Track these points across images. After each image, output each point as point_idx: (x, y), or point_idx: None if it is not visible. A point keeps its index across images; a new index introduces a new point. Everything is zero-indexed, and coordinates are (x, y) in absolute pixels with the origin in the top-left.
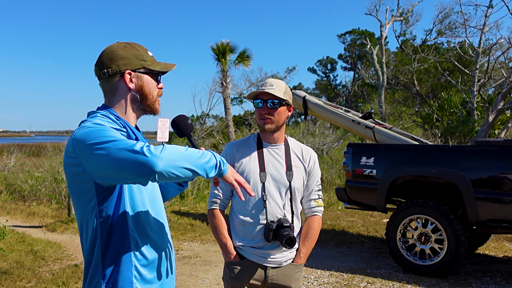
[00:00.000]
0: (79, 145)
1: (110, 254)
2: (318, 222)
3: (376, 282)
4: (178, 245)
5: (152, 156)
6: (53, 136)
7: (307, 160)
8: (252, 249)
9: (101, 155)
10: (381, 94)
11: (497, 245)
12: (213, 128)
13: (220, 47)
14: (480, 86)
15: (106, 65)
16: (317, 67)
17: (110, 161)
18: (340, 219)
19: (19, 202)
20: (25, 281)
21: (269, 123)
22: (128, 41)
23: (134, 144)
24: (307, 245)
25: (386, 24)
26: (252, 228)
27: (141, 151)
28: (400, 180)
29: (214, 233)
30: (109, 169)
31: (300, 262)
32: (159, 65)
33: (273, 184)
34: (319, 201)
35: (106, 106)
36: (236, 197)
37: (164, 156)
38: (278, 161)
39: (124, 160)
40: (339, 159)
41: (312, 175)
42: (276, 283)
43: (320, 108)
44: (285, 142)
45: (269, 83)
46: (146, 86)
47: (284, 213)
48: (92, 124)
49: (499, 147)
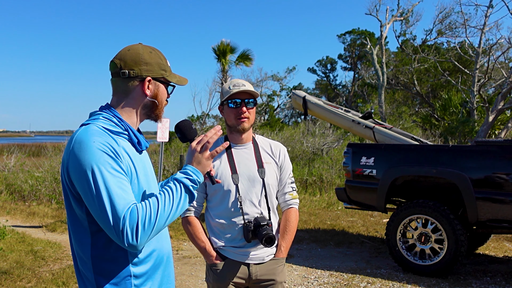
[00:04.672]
0: (73, 164)
1: (103, 262)
2: (295, 215)
3: (376, 282)
4: (178, 245)
5: (130, 246)
6: (53, 136)
7: (277, 154)
8: (233, 249)
9: (90, 199)
10: (381, 94)
11: (497, 245)
12: None
13: (221, 47)
14: (480, 86)
15: (129, 66)
16: (317, 67)
17: (96, 217)
18: (340, 219)
19: (19, 202)
20: (25, 281)
21: (247, 122)
22: (127, 42)
23: (118, 222)
24: (286, 238)
25: (386, 24)
26: (231, 230)
27: (122, 237)
28: (400, 180)
29: (191, 239)
30: (94, 215)
31: (281, 256)
32: (175, 78)
33: (246, 184)
34: (294, 193)
35: (109, 106)
36: (211, 201)
37: (141, 241)
38: (248, 160)
39: (106, 230)
40: (339, 159)
41: (284, 168)
42: (261, 279)
43: (320, 108)
44: (253, 141)
45: (240, 83)
46: (160, 95)
47: (260, 211)
48: (93, 142)
49: (499, 147)
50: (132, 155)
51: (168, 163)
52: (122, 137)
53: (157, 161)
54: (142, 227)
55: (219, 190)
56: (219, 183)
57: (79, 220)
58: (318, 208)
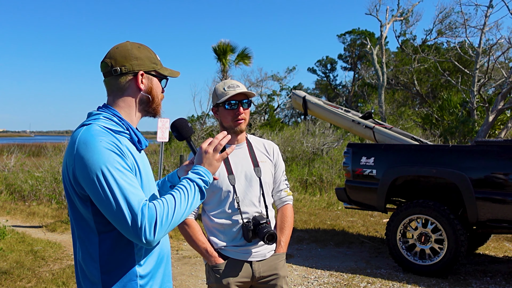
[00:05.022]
0: (81, 166)
1: (110, 261)
2: (291, 210)
3: (376, 282)
4: (178, 245)
5: (148, 242)
6: (53, 136)
7: (271, 153)
8: (235, 248)
9: (103, 200)
10: (381, 94)
11: (497, 245)
12: (213, 128)
13: (221, 47)
14: (480, 86)
15: (120, 63)
16: (317, 67)
17: (110, 217)
18: (340, 219)
19: (19, 202)
20: (25, 281)
21: (244, 123)
22: (124, 41)
23: (135, 218)
24: (285, 233)
25: (386, 24)
26: (231, 230)
27: (140, 234)
28: (400, 180)
29: (190, 241)
30: (107, 215)
31: (282, 251)
32: (167, 71)
33: (244, 183)
34: (288, 190)
35: (107, 106)
36: (209, 203)
37: (158, 236)
38: (244, 160)
39: (123, 230)
40: (339, 159)
41: (278, 166)
42: (264, 275)
43: (320, 108)
44: (247, 141)
45: (235, 84)
46: (154, 88)
47: (260, 210)
48: (100, 142)
49: (499, 147)
50: (134, 154)
51: (168, 163)
52: (123, 136)
53: (157, 161)
54: (160, 223)
55: (217, 192)
56: (216, 179)
57: (85, 220)
58: (318, 208)
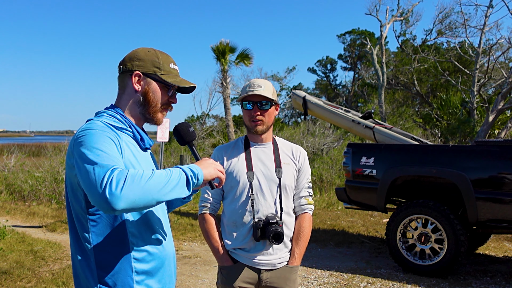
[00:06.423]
0: (75, 148)
1: (105, 256)
2: (309, 220)
3: (376, 282)
4: (178, 245)
5: (111, 196)
6: (53, 136)
7: (297, 157)
8: (244, 253)
9: (82, 171)
10: (381, 94)
11: (497, 245)
12: (213, 128)
13: (220, 47)
14: (480, 86)
15: (123, 62)
16: (317, 67)
17: (84, 182)
18: (340, 219)
19: (19, 202)
20: (25, 281)
21: (261, 125)
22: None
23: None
24: (300, 245)
25: (386, 24)
26: (242, 228)
27: (105, 186)
28: (400, 180)
29: (205, 237)
30: (84, 187)
31: (295, 264)
32: (173, 78)
33: (262, 182)
34: (309, 199)
35: (113, 105)
36: (226, 198)
37: (124, 195)
38: (266, 159)
39: (90, 190)
40: (339, 159)
41: (303, 172)
42: (271, 286)
43: (320, 108)
44: (273, 141)
45: (256, 84)
46: (151, 92)
47: (275, 211)
48: (93, 129)
49: (499, 147)
50: (134, 151)
51: (168, 163)
52: (125, 133)
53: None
54: (130, 181)
55: (234, 186)
56: (218, 188)
57: (79, 217)
58: (318, 208)
